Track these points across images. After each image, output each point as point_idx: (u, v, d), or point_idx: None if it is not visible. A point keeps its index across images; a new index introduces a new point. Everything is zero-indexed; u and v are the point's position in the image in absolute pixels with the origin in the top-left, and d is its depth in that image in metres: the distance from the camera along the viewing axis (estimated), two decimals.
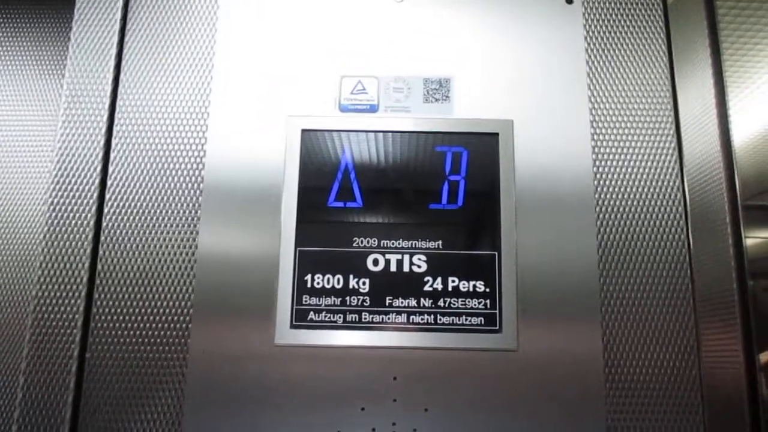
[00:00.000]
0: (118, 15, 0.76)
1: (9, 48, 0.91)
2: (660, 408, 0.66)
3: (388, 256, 0.69)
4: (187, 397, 0.66)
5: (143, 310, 0.68)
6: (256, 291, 0.68)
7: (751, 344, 0.63)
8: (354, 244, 0.69)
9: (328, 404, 0.65)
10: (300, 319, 0.67)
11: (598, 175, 0.72)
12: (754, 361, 0.62)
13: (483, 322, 0.67)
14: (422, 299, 0.68)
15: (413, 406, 0.66)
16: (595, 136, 0.73)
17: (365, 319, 0.67)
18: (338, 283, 0.68)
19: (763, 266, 0.65)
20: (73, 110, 0.73)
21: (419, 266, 0.69)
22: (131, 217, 0.71)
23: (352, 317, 0.67)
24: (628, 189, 0.72)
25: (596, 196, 0.71)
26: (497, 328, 0.67)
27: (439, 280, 0.68)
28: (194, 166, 0.72)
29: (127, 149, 0.73)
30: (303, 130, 0.72)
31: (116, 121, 0.73)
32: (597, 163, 0.72)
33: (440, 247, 0.69)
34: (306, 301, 0.68)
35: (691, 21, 0.74)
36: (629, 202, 0.71)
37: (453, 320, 0.67)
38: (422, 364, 0.66)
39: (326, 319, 0.67)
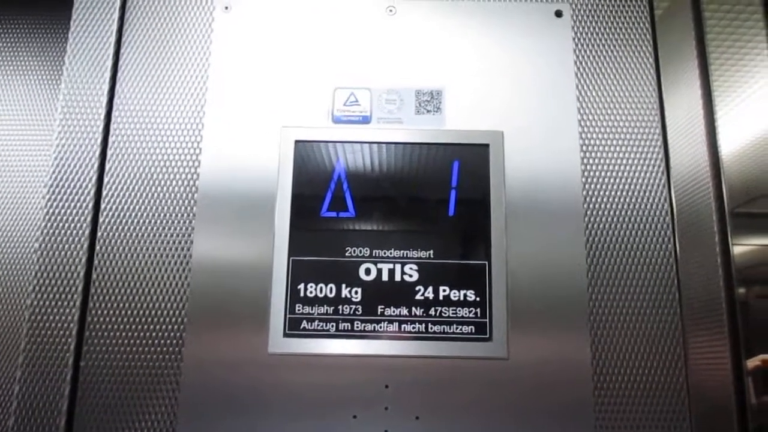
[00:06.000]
0: (114, 27, 0.76)
1: (4, 59, 0.92)
2: (647, 415, 0.66)
3: (380, 265, 0.70)
4: (181, 405, 0.66)
5: (137, 319, 0.69)
6: (249, 300, 0.69)
7: (739, 351, 0.64)
8: (347, 254, 0.70)
9: (320, 412, 0.66)
10: (293, 327, 0.68)
11: (586, 186, 0.73)
12: (742, 369, 0.63)
13: (474, 331, 0.68)
14: (414, 308, 0.69)
15: (405, 414, 0.66)
16: (584, 147, 0.74)
17: (357, 327, 0.68)
18: (331, 292, 0.69)
19: (750, 274, 0.66)
20: (69, 121, 0.73)
21: (411, 275, 0.70)
22: (126, 227, 0.71)
23: (344, 326, 0.68)
24: (617, 198, 0.73)
25: (585, 205, 0.72)
26: (488, 336, 0.68)
27: (430, 289, 0.69)
28: (189, 176, 0.73)
29: (123, 159, 0.73)
30: (296, 141, 0.73)
31: (111, 131, 0.74)
32: (585, 173, 0.73)
33: (431, 256, 0.70)
34: (299, 310, 0.68)
35: (679, 32, 0.75)
36: (617, 212, 0.72)
37: (444, 329, 0.68)
38: (414, 372, 0.67)
39: (319, 327, 0.68)
